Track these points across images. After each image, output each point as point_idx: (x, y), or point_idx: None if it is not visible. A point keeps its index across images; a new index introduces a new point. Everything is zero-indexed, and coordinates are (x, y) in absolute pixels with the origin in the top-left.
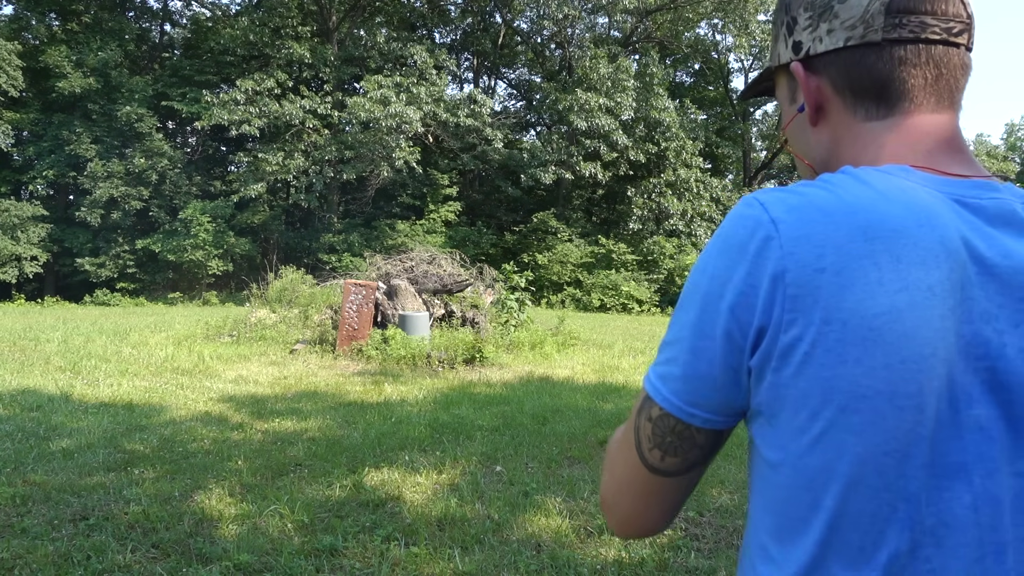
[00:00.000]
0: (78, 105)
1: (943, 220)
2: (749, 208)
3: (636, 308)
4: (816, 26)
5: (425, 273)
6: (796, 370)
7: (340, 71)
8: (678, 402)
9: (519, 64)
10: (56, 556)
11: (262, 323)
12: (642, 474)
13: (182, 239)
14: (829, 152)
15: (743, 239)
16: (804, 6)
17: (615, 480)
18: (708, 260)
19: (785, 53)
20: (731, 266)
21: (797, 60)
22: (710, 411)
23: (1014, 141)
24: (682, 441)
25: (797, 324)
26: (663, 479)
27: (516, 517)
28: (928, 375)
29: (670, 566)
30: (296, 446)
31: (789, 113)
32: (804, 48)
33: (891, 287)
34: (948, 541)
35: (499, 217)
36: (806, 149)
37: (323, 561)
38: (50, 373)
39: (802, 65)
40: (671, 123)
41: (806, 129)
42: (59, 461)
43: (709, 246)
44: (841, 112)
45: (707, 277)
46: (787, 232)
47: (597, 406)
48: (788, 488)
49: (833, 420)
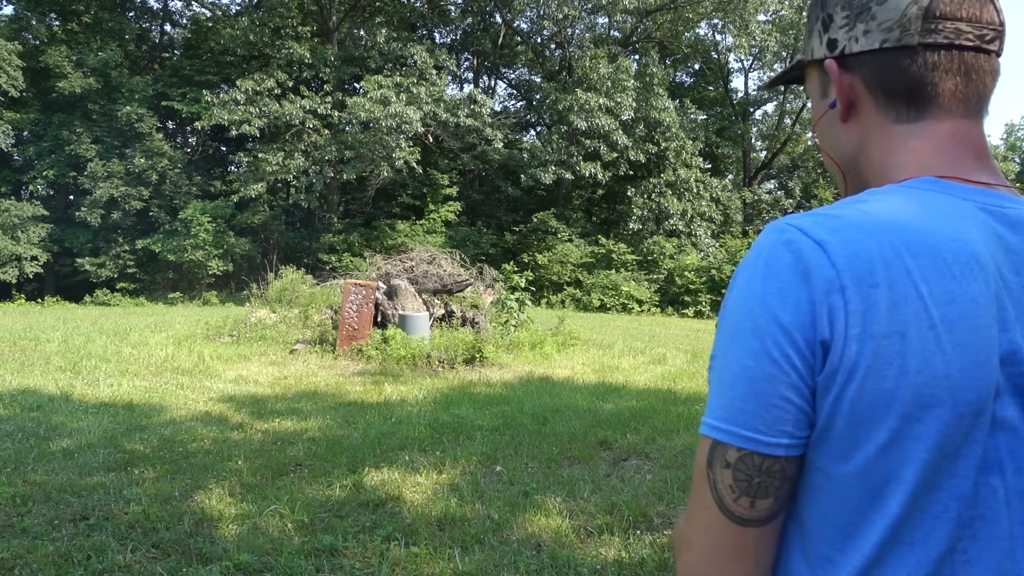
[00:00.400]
0: (78, 105)
1: (975, 233)
2: (786, 233)
3: (636, 308)
4: (852, 26)
5: (425, 273)
6: (861, 383)
7: (340, 71)
8: (757, 436)
9: (519, 64)
10: (56, 556)
11: (262, 323)
12: (732, 535)
13: (182, 239)
14: (858, 149)
15: (790, 262)
16: (841, 5)
17: (702, 560)
18: (753, 288)
19: (819, 49)
20: (784, 289)
21: (832, 57)
22: (791, 436)
23: (1014, 141)
24: (771, 477)
25: (859, 339)
26: (756, 531)
27: (516, 517)
28: (984, 381)
29: (670, 566)
30: (296, 446)
31: (820, 107)
32: (839, 46)
33: (941, 300)
34: (983, 533)
35: (499, 217)
36: (835, 144)
37: (323, 561)
38: (50, 373)
39: (836, 63)
40: (671, 123)
41: (836, 125)
42: (59, 461)
43: (748, 275)
44: (872, 112)
45: (758, 304)
46: (836, 252)
47: (597, 406)
48: (851, 497)
49: (898, 429)
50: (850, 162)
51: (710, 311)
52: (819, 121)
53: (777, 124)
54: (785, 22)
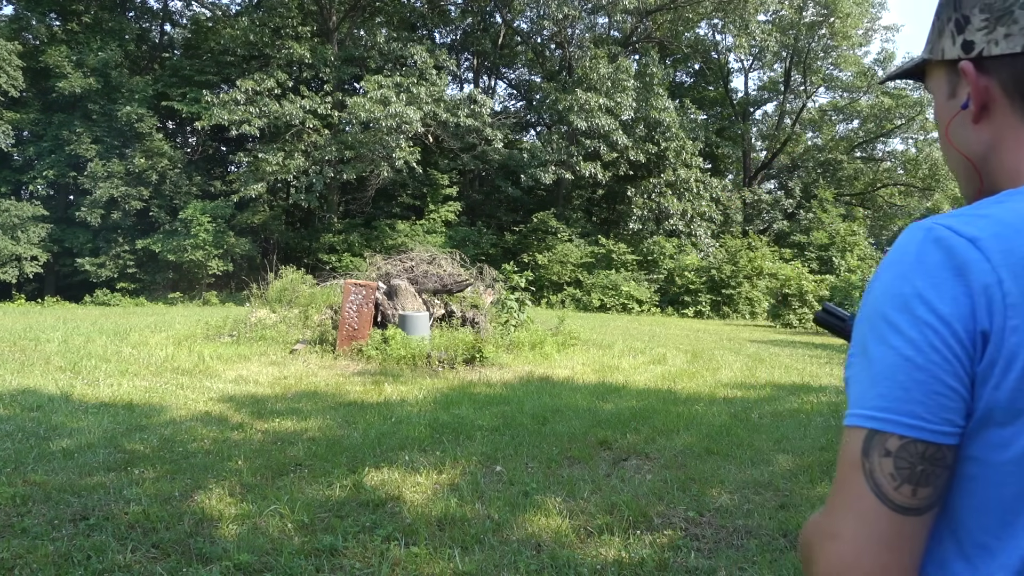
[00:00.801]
0: (78, 105)
1: None
2: (934, 231)
3: (636, 308)
4: (993, 29)
5: (425, 273)
6: (1021, 372)
7: (340, 71)
8: (922, 423)
9: (519, 64)
10: (56, 556)
11: (262, 323)
12: (890, 523)
13: (182, 239)
14: (988, 150)
15: (941, 259)
16: (980, 7)
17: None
18: (904, 284)
19: (952, 50)
20: (940, 284)
21: (968, 59)
22: (953, 424)
23: None
24: (934, 466)
25: (1018, 330)
26: (914, 520)
27: (516, 517)
28: None
29: (670, 566)
30: (296, 446)
31: (948, 108)
32: (976, 48)
33: None
34: None
35: (499, 217)
36: (964, 145)
37: (323, 561)
38: (50, 373)
39: (973, 64)
40: (671, 123)
41: (966, 125)
42: (59, 461)
43: (897, 272)
44: (1007, 115)
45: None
46: (989, 247)
47: (597, 406)
48: (1011, 484)
49: None
50: (982, 161)
51: (710, 311)
52: (951, 122)
53: (777, 124)
54: (785, 22)
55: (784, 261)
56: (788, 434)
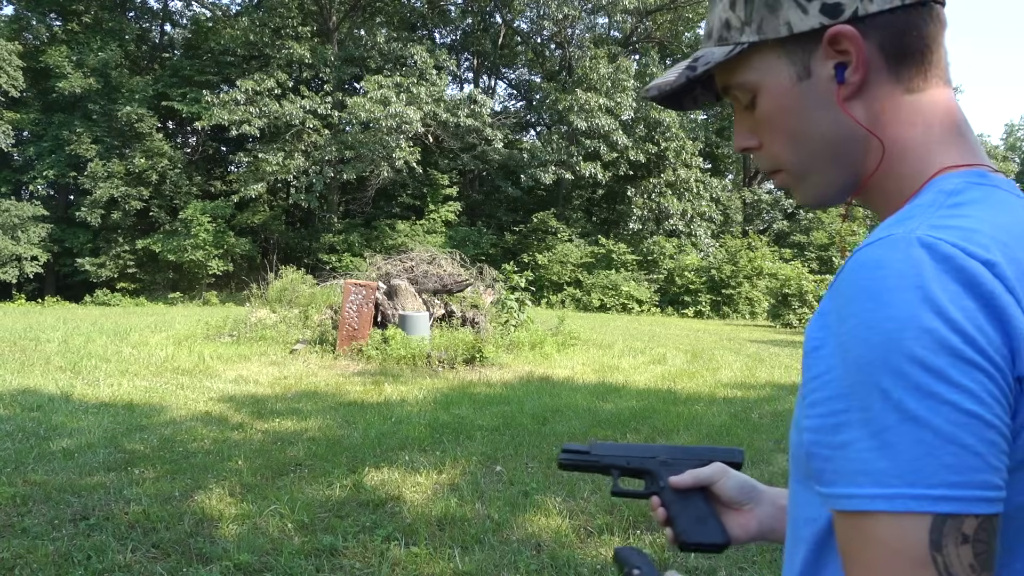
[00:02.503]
0: (78, 105)
1: None
2: (937, 249)
3: (636, 308)
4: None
5: (425, 273)
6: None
7: (340, 71)
8: (997, 494)
9: (519, 64)
10: (56, 556)
11: (262, 323)
12: None
13: (182, 239)
14: (870, 125)
15: (959, 286)
16: None
17: None
18: (926, 314)
19: (804, 20)
20: (972, 316)
21: (837, 23)
22: (1005, 484)
23: (1014, 141)
24: (996, 538)
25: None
26: None
27: (516, 517)
28: None
29: (670, 566)
30: (296, 446)
31: (807, 91)
32: (848, 9)
33: None
34: None
35: (499, 217)
36: (830, 127)
37: (323, 561)
38: (50, 373)
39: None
40: (671, 123)
41: (830, 105)
42: (59, 461)
43: (899, 298)
44: (884, 83)
45: (953, 334)
46: (1007, 274)
47: (597, 406)
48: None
49: None
50: (840, 145)
51: (710, 311)
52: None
53: None
54: None
55: (784, 261)
56: (788, 434)
